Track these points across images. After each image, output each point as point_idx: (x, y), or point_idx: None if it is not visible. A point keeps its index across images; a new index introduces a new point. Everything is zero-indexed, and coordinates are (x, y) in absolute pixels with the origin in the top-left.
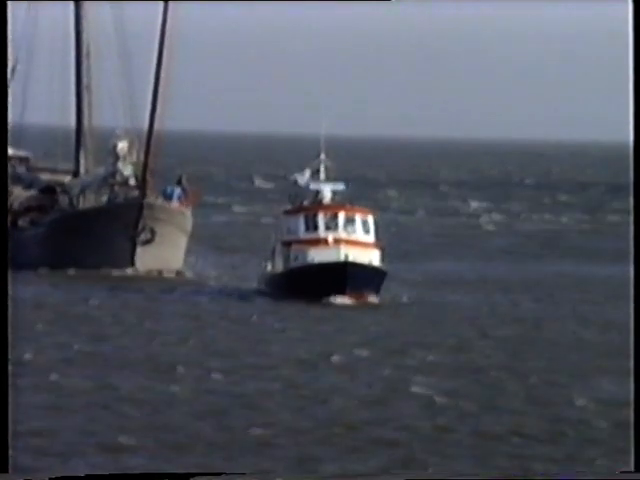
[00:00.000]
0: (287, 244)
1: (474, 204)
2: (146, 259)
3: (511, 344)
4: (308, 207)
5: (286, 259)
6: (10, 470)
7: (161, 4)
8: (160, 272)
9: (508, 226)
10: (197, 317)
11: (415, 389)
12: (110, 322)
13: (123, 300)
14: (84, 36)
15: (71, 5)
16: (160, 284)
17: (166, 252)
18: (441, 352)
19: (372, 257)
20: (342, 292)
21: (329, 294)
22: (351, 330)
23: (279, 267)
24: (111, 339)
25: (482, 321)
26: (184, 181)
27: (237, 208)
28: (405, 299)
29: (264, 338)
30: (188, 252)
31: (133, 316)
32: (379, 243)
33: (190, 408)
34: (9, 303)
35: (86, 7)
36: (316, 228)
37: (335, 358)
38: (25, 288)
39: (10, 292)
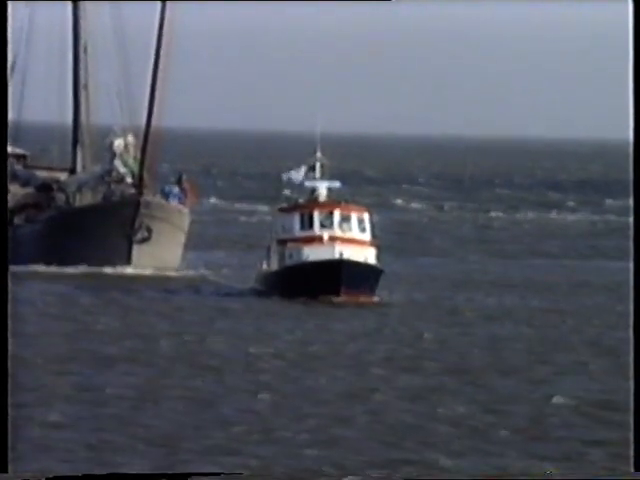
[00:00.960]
0: (282, 242)
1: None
2: (143, 258)
3: None
4: (303, 205)
5: (281, 257)
6: (10, 470)
7: (159, 3)
8: (156, 271)
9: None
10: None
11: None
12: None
13: (106, 299)
14: (82, 32)
15: (69, 2)
16: (150, 283)
17: (163, 251)
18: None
19: (368, 255)
20: (337, 290)
21: (324, 292)
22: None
23: (275, 265)
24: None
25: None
26: (184, 180)
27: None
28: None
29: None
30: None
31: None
32: (375, 241)
33: None
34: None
35: (84, 4)
36: (311, 226)
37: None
38: (18, 285)
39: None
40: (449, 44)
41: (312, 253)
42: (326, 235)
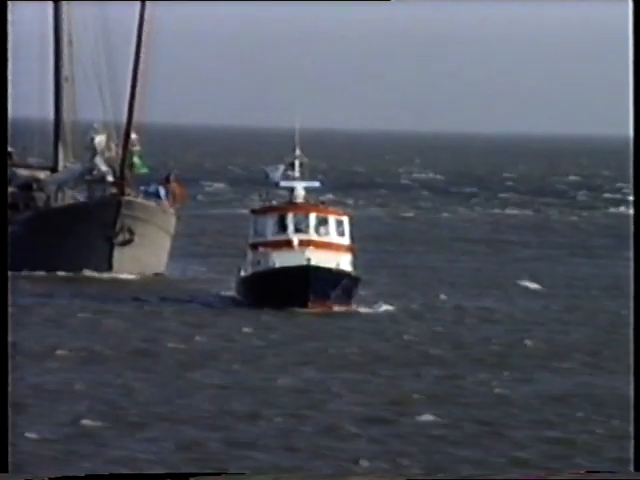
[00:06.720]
0: (254, 247)
1: None
2: (124, 261)
3: None
4: (277, 207)
5: (252, 263)
6: (10, 470)
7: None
8: (139, 275)
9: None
10: None
11: None
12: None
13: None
14: (65, 26)
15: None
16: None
17: (147, 254)
18: None
19: (340, 261)
20: (305, 299)
21: (292, 301)
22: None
23: (248, 271)
24: None
25: None
26: (172, 180)
27: None
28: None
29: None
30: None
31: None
32: (353, 246)
33: None
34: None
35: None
36: (284, 229)
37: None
38: None
39: None
40: (441, 42)
41: (279, 259)
42: (296, 239)
